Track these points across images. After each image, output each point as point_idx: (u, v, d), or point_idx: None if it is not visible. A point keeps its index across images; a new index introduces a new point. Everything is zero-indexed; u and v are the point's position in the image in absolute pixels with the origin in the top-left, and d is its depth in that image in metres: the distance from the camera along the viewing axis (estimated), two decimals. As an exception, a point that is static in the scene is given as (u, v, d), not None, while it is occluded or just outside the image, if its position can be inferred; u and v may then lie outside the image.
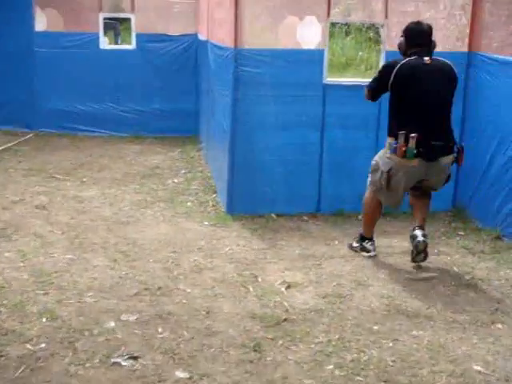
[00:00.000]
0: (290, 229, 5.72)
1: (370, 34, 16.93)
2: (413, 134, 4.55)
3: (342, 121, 5.80)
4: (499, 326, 4.01)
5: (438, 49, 5.60)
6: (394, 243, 5.41)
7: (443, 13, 5.87)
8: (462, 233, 5.66)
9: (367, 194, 5.07)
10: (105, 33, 10.40)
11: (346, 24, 14.73)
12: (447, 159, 4.76)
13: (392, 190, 4.84)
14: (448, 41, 5.87)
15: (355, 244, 5.27)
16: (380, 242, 5.44)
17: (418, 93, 4.60)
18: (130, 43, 9.30)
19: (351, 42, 17.63)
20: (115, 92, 9.09)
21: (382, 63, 5.68)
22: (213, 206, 6.28)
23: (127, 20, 9.48)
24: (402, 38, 4.76)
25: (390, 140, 4.74)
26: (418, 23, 4.76)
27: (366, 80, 5.36)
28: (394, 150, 4.66)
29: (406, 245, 5.16)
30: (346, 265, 4.98)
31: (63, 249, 5.06)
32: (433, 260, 5.07)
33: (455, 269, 4.90)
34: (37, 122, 8.99)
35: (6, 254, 4.87)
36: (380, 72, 4.85)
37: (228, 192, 6.01)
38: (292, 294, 4.43)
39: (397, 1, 5.91)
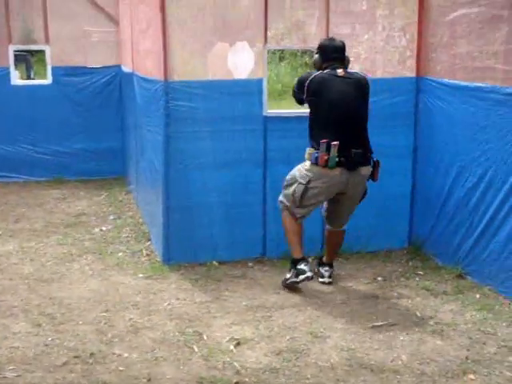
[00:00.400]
0: (234, 277, 5.62)
1: (306, 58, 17.20)
2: (334, 142, 4.93)
3: (286, 156, 5.72)
4: (471, 376, 3.96)
5: (379, 74, 5.72)
6: (348, 288, 5.36)
7: (382, 35, 5.92)
8: (421, 272, 5.65)
9: (282, 214, 5.34)
10: (15, 66, 10.20)
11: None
12: (366, 170, 5.12)
13: (305, 203, 5.17)
14: (389, 64, 5.94)
15: (288, 275, 5.32)
16: (333, 287, 5.40)
17: (330, 103, 5.03)
18: (45, 77, 9.11)
19: (286, 68, 17.86)
20: (30, 132, 8.86)
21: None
22: (147, 255, 6.13)
23: (41, 52, 9.29)
24: (317, 55, 5.24)
25: (309, 151, 5.10)
26: (331, 39, 5.29)
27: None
28: (315, 160, 5.02)
29: (362, 289, 5.12)
30: (298, 315, 4.89)
31: (-22, 315, 4.82)
32: (392, 305, 5.04)
33: (417, 313, 4.87)
34: None
35: None
36: (296, 85, 5.27)
37: (163, 239, 5.87)
38: (242, 353, 4.30)
39: (332, 23, 5.93)
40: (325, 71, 5.14)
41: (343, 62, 5.19)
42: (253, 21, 5.75)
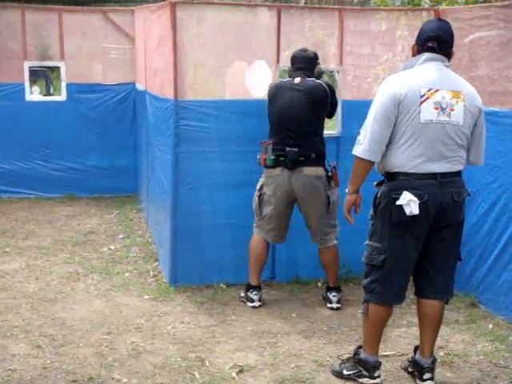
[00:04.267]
0: (241, 301, 5.50)
1: (326, 78, 17.11)
2: (268, 142, 5.25)
3: (296, 178, 5.64)
4: (481, 411, 3.83)
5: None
6: (357, 314, 5.22)
7: (401, 55, 5.85)
8: (433, 300, 5.50)
9: (253, 236, 5.49)
10: (35, 81, 10.21)
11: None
12: (310, 171, 5.21)
13: (265, 213, 5.34)
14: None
15: (242, 294, 5.50)
16: (342, 313, 5.28)
17: (277, 107, 5.28)
18: (60, 94, 9.10)
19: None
20: (44, 148, 8.81)
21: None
22: (154, 276, 6.04)
23: (58, 68, 9.27)
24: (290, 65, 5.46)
25: (258, 156, 5.37)
26: (302, 50, 5.41)
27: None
28: (258, 162, 5.34)
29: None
30: (304, 342, 4.78)
31: (-23, 335, 4.74)
32: (402, 333, 4.91)
33: (428, 343, 4.72)
34: (-47, 183, 8.65)
35: None
36: None
37: (170, 260, 5.78)
38: (244, 381, 4.19)
39: (351, 43, 5.88)
40: (285, 79, 5.39)
41: (311, 71, 5.35)
42: (271, 40, 5.71)
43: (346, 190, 4.25)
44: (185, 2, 5.48)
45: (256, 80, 5.74)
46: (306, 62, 5.36)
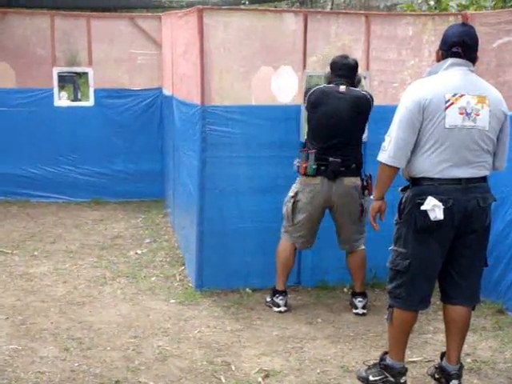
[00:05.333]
0: (267, 305, 5.50)
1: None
2: (312, 151, 5.18)
3: (322, 183, 5.65)
4: (508, 419, 3.80)
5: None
6: (383, 320, 5.19)
7: (428, 60, 5.83)
8: (459, 306, 5.47)
9: (280, 241, 5.49)
10: (63, 87, 10.30)
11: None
12: (349, 181, 5.21)
13: (296, 220, 5.32)
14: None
15: (268, 298, 5.52)
16: (368, 319, 5.27)
17: (322, 114, 5.21)
18: (87, 99, 9.18)
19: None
20: (72, 153, 8.89)
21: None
22: (180, 280, 6.07)
23: (86, 74, 9.36)
24: (329, 70, 5.38)
25: (295, 162, 5.33)
26: (343, 57, 5.35)
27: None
28: (297, 170, 5.29)
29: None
30: (331, 347, 4.78)
31: (7, 337, 4.78)
32: (429, 339, 4.89)
33: (455, 349, 4.69)
34: (-18, 188, 8.75)
35: None
36: (303, 95, 5.43)
37: (196, 264, 5.80)
38: (270, 385, 4.20)
39: (378, 49, 5.88)
40: (329, 85, 5.31)
41: (352, 79, 5.32)
42: (298, 45, 5.72)
43: (371, 197, 4.25)
44: (212, 8, 5.54)
45: (282, 85, 5.75)
46: (347, 70, 5.31)
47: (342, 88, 5.24)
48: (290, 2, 18.36)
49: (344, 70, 5.30)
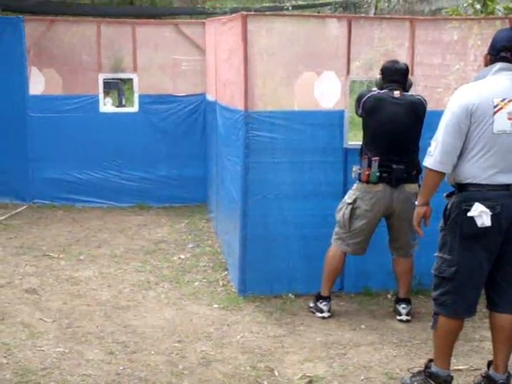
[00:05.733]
0: (310, 311, 5.50)
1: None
2: (375, 158, 5.13)
3: (366, 188, 5.62)
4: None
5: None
6: (428, 327, 5.13)
7: (473, 65, 5.77)
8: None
9: (330, 247, 5.43)
10: (108, 93, 10.42)
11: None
12: (411, 187, 5.19)
13: (354, 227, 5.25)
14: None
15: (311, 304, 5.49)
16: (412, 325, 5.22)
17: (381, 121, 5.18)
18: (132, 105, 9.28)
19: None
20: (116, 158, 8.99)
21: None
22: (223, 285, 6.09)
23: (130, 80, 9.47)
24: (379, 76, 5.37)
25: (354, 169, 5.28)
26: (394, 62, 5.36)
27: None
28: (358, 177, 5.22)
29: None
30: (374, 354, 4.75)
31: (53, 340, 4.86)
32: (475, 347, 4.82)
33: (501, 358, 4.62)
34: (30, 192, 8.86)
35: (-12, 349, 4.68)
36: (356, 99, 5.37)
37: (239, 270, 5.82)
38: (313, 392, 4.19)
39: (422, 53, 5.84)
40: (382, 91, 5.28)
41: (403, 84, 5.31)
42: (341, 51, 5.71)
43: (416, 202, 4.22)
44: (256, 14, 5.56)
45: (325, 91, 5.75)
46: (399, 75, 5.30)
47: (397, 93, 5.23)
48: (333, 7, 18.31)
49: (396, 75, 5.29)
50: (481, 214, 3.82)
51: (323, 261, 5.49)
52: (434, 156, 3.94)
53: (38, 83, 8.80)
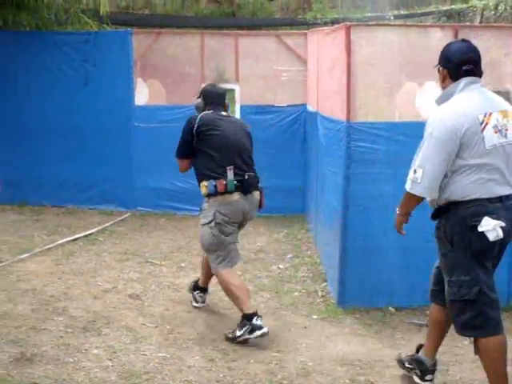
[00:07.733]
0: (411, 325, 5.41)
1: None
2: (229, 167, 5.24)
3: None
4: None
5: None
6: None
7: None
8: None
9: (218, 276, 5.37)
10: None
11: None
12: (257, 195, 5.46)
13: (228, 237, 5.37)
14: None
15: (238, 332, 5.06)
16: None
17: (224, 135, 5.34)
18: (234, 115, 9.39)
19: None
20: (217, 168, 9.11)
21: None
22: (322, 296, 6.09)
23: (231, 91, 9.59)
24: (200, 99, 5.62)
25: (205, 183, 5.28)
26: (213, 85, 5.86)
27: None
28: (214, 189, 5.22)
29: None
30: (477, 372, 4.60)
31: (156, 345, 4.98)
32: None
33: None
34: (134, 200, 9.13)
35: (95, 351, 4.81)
36: (183, 131, 5.49)
37: (339, 281, 5.80)
38: (414, 407, 4.13)
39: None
40: (210, 112, 5.49)
41: (224, 106, 5.60)
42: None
43: (397, 211, 4.34)
44: (359, 24, 5.53)
45: (427, 101, 5.66)
46: (219, 97, 5.59)
47: (223, 113, 5.53)
48: (437, 16, 17.99)
49: (218, 97, 5.58)
50: (495, 228, 3.78)
51: (424, 274, 5.38)
52: (421, 183, 3.94)
53: (142, 94, 9.06)
